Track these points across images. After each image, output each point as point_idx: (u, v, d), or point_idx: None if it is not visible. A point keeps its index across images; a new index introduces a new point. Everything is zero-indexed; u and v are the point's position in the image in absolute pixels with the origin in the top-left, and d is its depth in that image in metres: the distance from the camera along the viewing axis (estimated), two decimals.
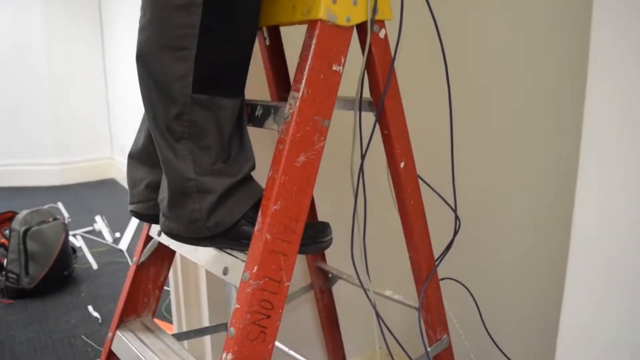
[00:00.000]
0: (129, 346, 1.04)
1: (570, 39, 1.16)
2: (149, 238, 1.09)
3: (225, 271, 0.86)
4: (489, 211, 1.42)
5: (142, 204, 0.96)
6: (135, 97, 1.21)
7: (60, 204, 3.66)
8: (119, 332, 1.08)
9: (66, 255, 2.49)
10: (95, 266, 2.69)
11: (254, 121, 0.91)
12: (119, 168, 4.30)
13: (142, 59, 0.81)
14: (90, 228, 3.22)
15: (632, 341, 0.59)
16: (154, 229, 1.06)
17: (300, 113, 0.80)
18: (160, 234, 1.04)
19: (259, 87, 1.21)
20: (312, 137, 0.81)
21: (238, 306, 0.78)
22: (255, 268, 0.77)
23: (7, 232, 2.40)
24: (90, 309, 2.23)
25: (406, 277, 1.13)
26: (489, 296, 1.28)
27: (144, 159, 0.96)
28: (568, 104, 1.18)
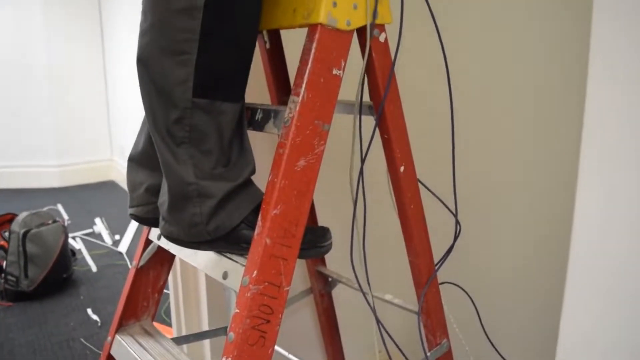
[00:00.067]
0: (128, 350, 1.03)
1: (570, 38, 1.16)
2: (148, 241, 1.08)
3: (225, 275, 0.86)
4: (489, 215, 1.42)
5: (142, 207, 0.96)
6: (135, 99, 1.21)
7: (59, 206, 3.66)
8: (118, 336, 1.08)
9: (65, 258, 2.49)
10: (94, 269, 2.68)
11: (254, 125, 0.91)
12: (119, 170, 4.29)
13: (143, 63, 0.81)
14: (90, 230, 3.22)
15: (633, 346, 0.59)
16: (154, 233, 1.06)
17: (301, 117, 0.79)
18: (160, 237, 1.04)
19: (259, 91, 1.21)
20: (312, 141, 0.81)
21: (237, 310, 0.77)
22: (255, 272, 0.77)
23: (7, 234, 2.40)
24: (89, 311, 2.23)
25: (406, 281, 1.13)
26: (489, 300, 1.28)
27: (144, 162, 0.95)
28: (568, 105, 1.18)
